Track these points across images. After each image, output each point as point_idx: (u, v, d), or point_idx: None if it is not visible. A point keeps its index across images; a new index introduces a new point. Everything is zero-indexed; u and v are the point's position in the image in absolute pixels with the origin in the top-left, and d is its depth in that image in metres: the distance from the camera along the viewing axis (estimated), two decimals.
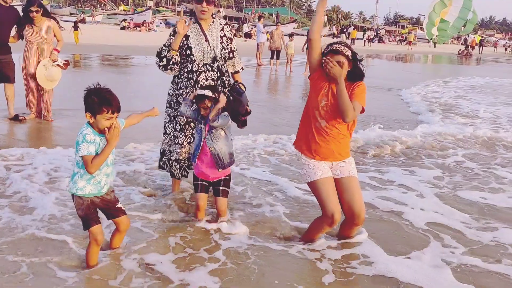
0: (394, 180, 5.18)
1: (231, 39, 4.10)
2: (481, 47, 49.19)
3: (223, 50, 4.01)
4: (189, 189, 4.30)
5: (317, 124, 3.32)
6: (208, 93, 3.49)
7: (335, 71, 3.16)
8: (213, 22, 4.02)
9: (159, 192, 4.35)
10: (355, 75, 3.33)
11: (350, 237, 3.53)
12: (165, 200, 4.12)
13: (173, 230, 3.57)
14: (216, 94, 3.52)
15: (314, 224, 3.45)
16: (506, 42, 64.10)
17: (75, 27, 24.08)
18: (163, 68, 3.92)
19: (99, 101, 2.71)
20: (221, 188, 3.66)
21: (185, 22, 3.83)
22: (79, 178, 2.82)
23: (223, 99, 3.54)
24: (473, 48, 48.14)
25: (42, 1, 7.03)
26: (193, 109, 3.58)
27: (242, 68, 4.26)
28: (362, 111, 3.25)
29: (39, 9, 6.74)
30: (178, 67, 3.96)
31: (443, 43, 45.50)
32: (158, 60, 3.89)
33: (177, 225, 3.67)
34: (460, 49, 44.00)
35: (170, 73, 3.99)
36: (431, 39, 42.79)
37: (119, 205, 3.04)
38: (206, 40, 3.93)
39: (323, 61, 3.23)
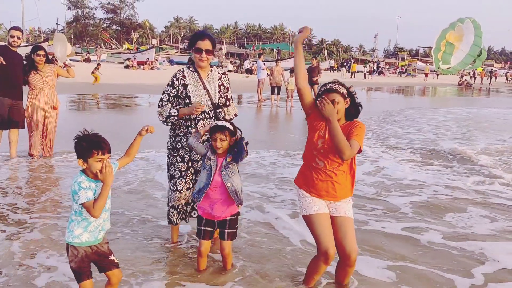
0: None
1: (228, 88, 4.17)
2: (490, 78, 49.84)
3: (221, 98, 4.08)
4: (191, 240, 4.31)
5: (314, 164, 3.34)
6: (228, 124, 3.47)
7: (327, 109, 3.18)
8: (211, 71, 4.11)
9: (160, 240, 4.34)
10: (351, 112, 3.34)
11: (345, 283, 3.50)
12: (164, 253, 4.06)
13: None
14: (232, 126, 3.50)
15: (310, 265, 3.43)
16: (507, 72, 64.59)
17: (97, 68, 24.62)
18: (165, 124, 4.02)
19: (88, 145, 2.76)
20: (226, 231, 3.54)
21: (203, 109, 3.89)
22: (76, 225, 2.84)
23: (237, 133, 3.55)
24: (482, 79, 48.85)
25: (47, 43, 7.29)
26: (201, 143, 3.56)
27: (236, 115, 4.26)
28: (359, 151, 3.25)
29: (45, 53, 6.99)
30: None
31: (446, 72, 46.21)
32: (164, 119, 3.95)
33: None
34: (460, 80, 44.46)
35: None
36: (438, 68, 43.71)
37: (112, 257, 3.02)
38: (205, 88, 4.00)
39: (318, 102, 3.26)
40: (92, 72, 24.54)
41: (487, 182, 6.91)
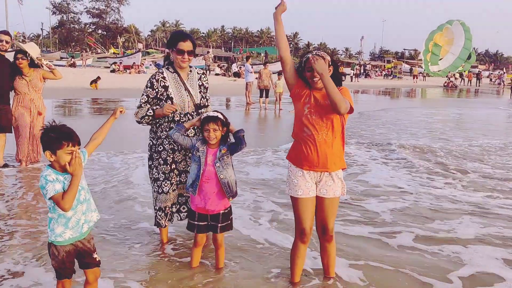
0: None
1: (207, 88, 4.13)
2: (477, 80, 50.66)
3: (202, 99, 4.03)
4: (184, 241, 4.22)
5: (304, 134, 3.33)
6: (220, 115, 3.44)
7: (320, 64, 3.16)
8: (190, 71, 4.05)
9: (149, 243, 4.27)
10: (336, 79, 3.32)
11: (331, 275, 3.60)
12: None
13: None
14: (224, 117, 3.48)
15: (291, 250, 3.52)
16: (491, 73, 65.44)
17: (96, 81, 24.33)
18: (140, 123, 3.97)
19: (57, 136, 2.66)
20: (219, 225, 3.53)
21: (175, 110, 3.85)
22: (56, 223, 2.73)
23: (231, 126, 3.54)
24: (470, 81, 49.71)
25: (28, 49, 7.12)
26: (186, 136, 3.51)
27: None
28: (351, 111, 3.26)
29: (24, 56, 6.86)
30: None
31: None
32: (138, 120, 3.92)
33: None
34: (445, 82, 44.94)
35: None
36: (428, 70, 44.30)
37: (95, 255, 2.94)
38: (186, 89, 3.94)
39: (310, 57, 3.23)
40: (91, 83, 24.23)
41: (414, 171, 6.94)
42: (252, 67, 20.85)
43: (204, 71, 4.25)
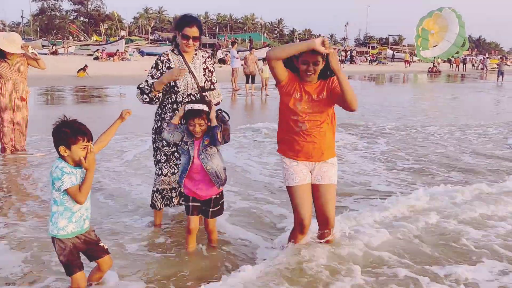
0: None
1: (212, 72, 4.11)
2: (464, 65, 51.21)
3: (206, 82, 4.02)
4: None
5: (297, 129, 3.34)
6: (204, 107, 3.36)
7: (335, 59, 3.16)
8: (195, 54, 4.03)
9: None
10: (328, 71, 3.33)
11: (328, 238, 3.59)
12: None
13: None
14: (208, 107, 3.41)
15: (289, 237, 3.55)
16: (472, 58, 65.97)
17: (83, 69, 23.93)
18: (146, 104, 3.91)
19: (72, 131, 2.68)
20: (210, 210, 3.54)
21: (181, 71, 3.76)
22: (60, 217, 2.74)
23: (213, 111, 3.44)
24: (457, 66, 50.23)
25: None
26: (177, 131, 3.44)
27: (219, 103, 4.19)
28: None
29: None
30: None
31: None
32: (141, 96, 3.85)
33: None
34: (429, 67, 45.22)
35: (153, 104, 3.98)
36: (420, 56, 44.78)
37: (101, 244, 2.95)
38: (190, 71, 3.93)
39: (331, 51, 3.13)
40: (79, 71, 23.82)
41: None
42: (237, 53, 20.72)
43: (210, 55, 4.22)
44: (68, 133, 2.68)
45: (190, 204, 3.54)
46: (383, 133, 9.61)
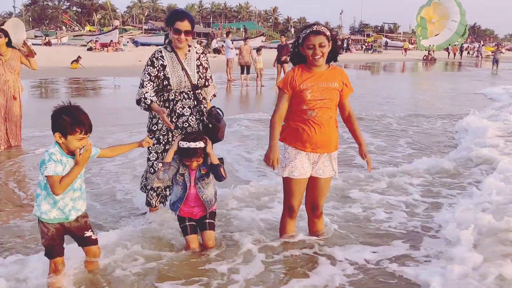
0: None
1: (206, 68, 4.04)
2: (461, 53, 51.46)
3: (200, 79, 3.96)
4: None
5: (306, 117, 3.33)
6: (200, 144, 3.33)
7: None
8: (189, 51, 3.97)
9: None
10: (334, 54, 3.37)
11: (318, 233, 3.71)
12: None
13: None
14: (204, 141, 3.38)
15: (280, 227, 3.69)
16: (468, 46, 65.90)
17: (77, 60, 23.71)
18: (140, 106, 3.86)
19: (72, 121, 2.61)
20: (207, 221, 3.53)
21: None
22: (43, 201, 2.70)
23: (209, 145, 3.44)
24: (454, 54, 50.51)
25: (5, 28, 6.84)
26: (172, 166, 3.39)
27: (215, 95, 4.18)
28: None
29: (1, 34, 6.58)
30: None
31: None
32: (139, 102, 3.79)
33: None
34: (425, 55, 45.15)
35: None
36: (421, 45, 44.91)
37: (88, 233, 2.89)
38: (183, 69, 3.88)
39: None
40: (72, 62, 23.61)
41: None
42: (232, 43, 20.60)
43: (204, 51, 4.15)
44: (67, 121, 2.61)
45: (187, 224, 3.51)
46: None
